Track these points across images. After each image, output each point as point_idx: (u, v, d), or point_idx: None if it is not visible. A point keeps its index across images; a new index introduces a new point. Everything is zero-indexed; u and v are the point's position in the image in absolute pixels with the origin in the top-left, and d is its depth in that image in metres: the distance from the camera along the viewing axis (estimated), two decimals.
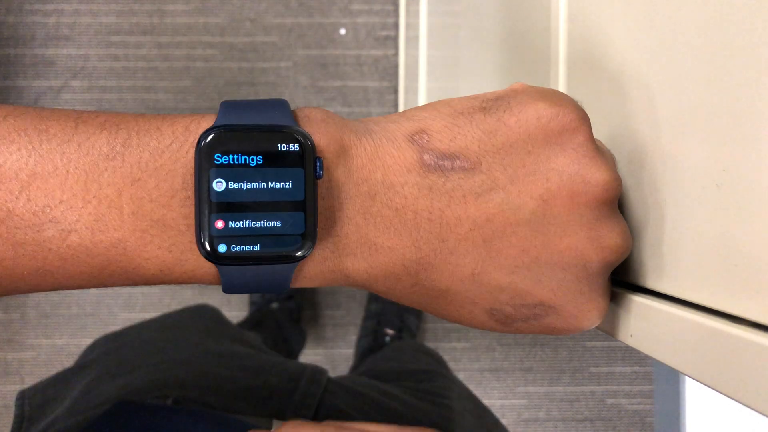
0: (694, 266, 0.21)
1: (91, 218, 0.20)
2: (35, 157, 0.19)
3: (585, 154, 0.22)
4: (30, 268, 0.20)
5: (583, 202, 0.21)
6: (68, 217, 0.19)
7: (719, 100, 0.20)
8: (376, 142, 0.22)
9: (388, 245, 0.21)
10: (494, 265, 0.22)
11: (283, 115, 0.21)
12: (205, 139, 0.20)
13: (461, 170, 0.21)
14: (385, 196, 0.21)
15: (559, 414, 1.20)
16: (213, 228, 0.20)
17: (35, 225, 0.19)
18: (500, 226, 0.21)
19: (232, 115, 0.21)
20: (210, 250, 0.20)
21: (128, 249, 0.20)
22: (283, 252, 0.20)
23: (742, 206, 0.19)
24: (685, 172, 0.22)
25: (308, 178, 0.20)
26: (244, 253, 0.20)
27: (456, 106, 0.22)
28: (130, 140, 0.20)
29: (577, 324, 0.23)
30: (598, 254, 0.22)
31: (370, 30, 1.17)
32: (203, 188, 0.19)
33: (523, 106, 0.22)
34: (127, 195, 0.20)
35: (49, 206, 0.19)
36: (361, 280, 0.22)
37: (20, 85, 1.15)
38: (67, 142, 0.20)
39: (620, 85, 0.26)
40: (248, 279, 0.21)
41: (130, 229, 0.20)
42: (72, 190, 0.19)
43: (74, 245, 0.20)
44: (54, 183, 0.19)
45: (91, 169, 0.19)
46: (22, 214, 0.19)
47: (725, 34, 0.19)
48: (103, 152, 0.20)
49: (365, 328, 1.12)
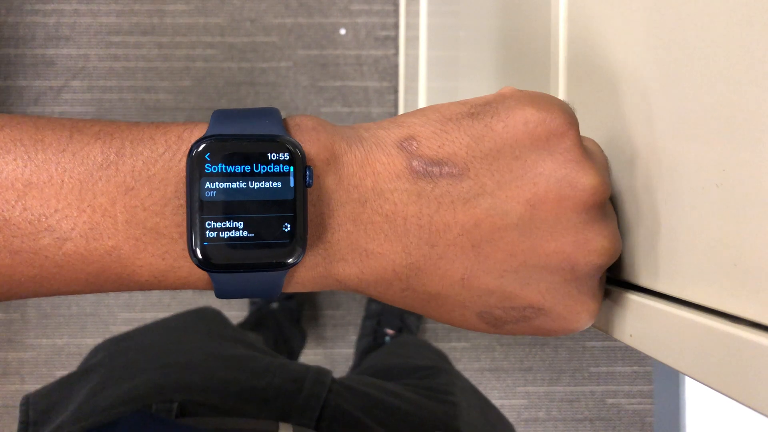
0: (694, 266, 0.21)
1: (85, 227, 0.20)
2: (31, 167, 0.20)
3: (572, 159, 0.22)
4: (27, 275, 0.20)
5: (571, 206, 0.22)
6: (63, 226, 0.20)
7: (719, 101, 0.20)
8: (366, 149, 0.22)
9: (378, 251, 0.22)
10: (483, 270, 0.22)
11: (273, 124, 0.21)
12: (196, 148, 0.20)
13: (449, 176, 0.22)
14: (376, 203, 0.21)
15: (559, 414, 1.20)
16: (204, 236, 0.20)
17: (31, 233, 0.20)
18: (488, 231, 0.22)
19: (223, 124, 0.21)
20: (201, 258, 0.20)
21: (122, 256, 0.20)
22: (274, 259, 0.20)
23: (742, 206, 0.19)
24: (684, 172, 0.22)
25: (298, 186, 0.20)
26: (235, 260, 0.20)
27: (445, 112, 0.23)
28: (124, 149, 0.20)
29: (567, 325, 0.23)
30: (585, 258, 0.22)
31: (370, 30, 1.17)
32: (194, 197, 0.20)
33: (511, 111, 0.22)
34: (121, 204, 0.20)
35: (45, 215, 0.20)
36: (353, 285, 0.22)
37: (20, 85, 1.15)
38: (62, 151, 0.20)
39: (620, 85, 0.26)
40: (240, 285, 0.21)
41: (124, 237, 0.20)
42: (67, 200, 0.20)
43: (70, 253, 0.20)
44: (49, 192, 0.20)
45: (86, 178, 0.20)
46: (19, 223, 0.20)
47: (725, 34, 0.19)
48: (98, 161, 0.20)
49: (365, 328, 1.12)
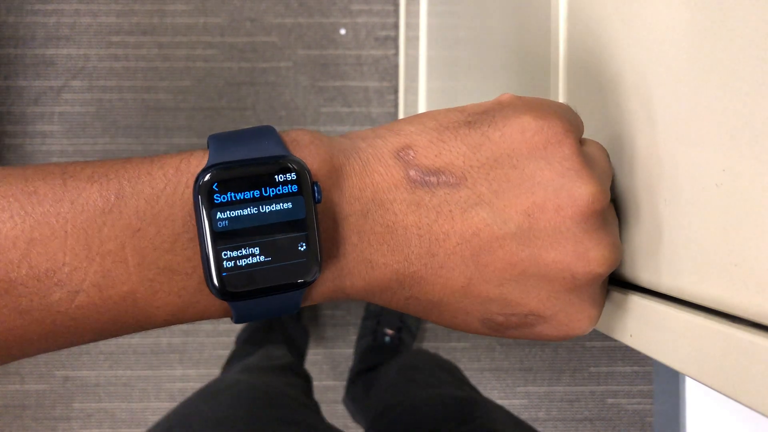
0: (695, 266, 0.21)
1: (97, 275, 0.19)
2: (30, 222, 0.19)
3: (570, 167, 0.22)
4: (39, 333, 0.20)
5: (569, 215, 0.21)
6: (74, 278, 0.19)
7: (719, 101, 0.20)
8: (363, 161, 0.22)
9: (382, 261, 0.22)
10: (483, 279, 0.22)
11: (274, 144, 0.21)
12: (202, 179, 0.19)
13: (447, 185, 0.22)
14: (377, 214, 0.21)
15: (559, 414, 1.20)
16: (221, 267, 0.19)
17: (40, 291, 0.19)
18: (487, 241, 0.22)
19: (223, 150, 0.20)
20: (221, 289, 0.20)
21: (138, 300, 0.20)
22: (293, 279, 0.20)
23: (742, 206, 0.19)
24: (684, 172, 0.22)
25: (308, 204, 0.20)
26: (255, 286, 0.20)
27: (442, 120, 0.23)
28: (123, 190, 0.20)
29: (568, 332, 0.23)
30: (585, 267, 0.22)
31: (370, 30, 1.17)
32: (207, 229, 0.19)
33: (508, 119, 0.22)
34: (130, 246, 0.19)
35: (53, 270, 0.19)
36: (359, 296, 0.23)
37: (20, 85, 1.15)
38: (59, 201, 0.19)
39: (620, 85, 0.26)
40: (259, 309, 0.21)
41: (138, 280, 0.20)
42: (74, 251, 0.19)
43: (83, 305, 0.19)
44: (54, 246, 0.19)
45: (89, 225, 0.19)
46: (26, 282, 0.19)
47: (725, 35, 0.19)
48: (99, 207, 0.19)
49: (365, 328, 1.12)
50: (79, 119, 1.15)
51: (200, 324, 1.15)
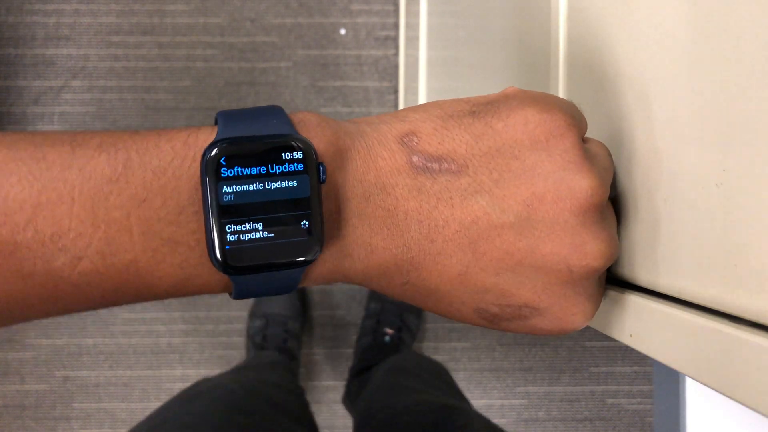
0: (694, 266, 0.21)
1: (101, 243, 0.19)
2: (38, 187, 0.19)
3: (571, 161, 0.22)
4: (40, 297, 0.20)
5: (568, 208, 0.22)
6: (78, 244, 0.19)
7: (719, 100, 0.20)
8: (368, 144, 0.22)
9: (382, 245, 0.22)
10: (479, 267, 0.22)
11: (282, 123, 0.21)
12: (209, 153, 0.20)
13: (448, 173, 0.22)
14: (378, 198, 0.22)
15: (559, 414, 1.20)
16: (225, 240, 0.20)
17: (44, 255, 0.19)
18: (485, 229, 0.22)
19: (232, 126, 0.21)
20: (223, 263, 0.20)
21: (140, 269, 0.20)
22: (295, 257, 0.21)
23: (742, 206, 0.19)
24: (684, 172, 0.22)
25: (313, 183, 0.20)
26: (257, 261, 0.20)
27: (447, 109, 0.23)
28: (131, 161, 0.20)
29: (562, 326, 0.23)
30: (581, 260, 0.22)
31: (370, 30, 1.17)
32: (212, 202, 0.20)
33: (512, 111, 0.22)
34: (135, 216, 0.20)
35: (58, 235, 0.19)
36: (357, 279, 0.23)
37: (20, 85, 1.15)
38: (68, 168, 0.19)
39: (620, 85, 0.26)
40: (259, 285, 0.21)
41: (141, 250, 0.20)
42: (80, 217, 0.19)
43: (86, 271, 0.20)
44: (61, 211, 0.19)
45: (96, 193, 0.19)
46: (31, 245, 0.19)
47: (725, 33, 0.19)
48: (106, 175, 0.19)
49: (365, 327, 1.12)
50: (79, 119, 1.15)
51: (200, 324, 1.15)
